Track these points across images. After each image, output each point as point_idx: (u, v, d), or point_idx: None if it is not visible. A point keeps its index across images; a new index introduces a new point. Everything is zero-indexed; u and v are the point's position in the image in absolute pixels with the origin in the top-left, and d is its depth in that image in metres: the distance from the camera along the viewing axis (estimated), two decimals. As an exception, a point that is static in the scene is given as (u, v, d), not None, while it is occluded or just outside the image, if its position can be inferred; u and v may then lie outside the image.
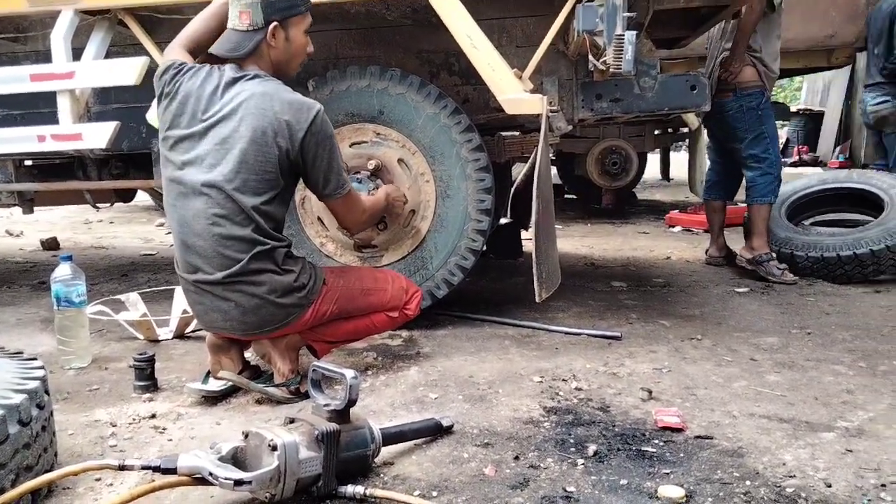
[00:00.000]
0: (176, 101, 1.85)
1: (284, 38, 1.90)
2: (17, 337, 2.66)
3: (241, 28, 1.88)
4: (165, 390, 2.04)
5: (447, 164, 2.53)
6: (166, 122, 1.87)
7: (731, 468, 1.48)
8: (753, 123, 3.40)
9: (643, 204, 7.54)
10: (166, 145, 1.87)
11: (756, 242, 3.47)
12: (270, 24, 1.86)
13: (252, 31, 1.87)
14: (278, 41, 1.89)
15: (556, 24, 2.30)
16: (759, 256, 3.42)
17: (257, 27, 1.87)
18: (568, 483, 1.42)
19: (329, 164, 1.88)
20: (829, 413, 1.79)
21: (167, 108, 1.87)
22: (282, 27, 1.88)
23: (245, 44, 1.88)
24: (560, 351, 2.35)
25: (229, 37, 1.91)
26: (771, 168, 3.43)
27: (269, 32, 1.87)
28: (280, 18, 1.87)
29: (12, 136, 2.67)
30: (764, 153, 3.42)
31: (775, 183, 3.45)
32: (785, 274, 3.37)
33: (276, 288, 1.83)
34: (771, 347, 2.37)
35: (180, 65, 1.89)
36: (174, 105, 1.85)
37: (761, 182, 3.44)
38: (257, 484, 1.25)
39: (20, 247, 5.22)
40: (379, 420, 1.71)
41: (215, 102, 1.82)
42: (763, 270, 3.40)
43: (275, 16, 1.86)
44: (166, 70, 1.89)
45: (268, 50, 1.90)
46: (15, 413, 1.26)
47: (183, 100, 1.84)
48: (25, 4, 2.54)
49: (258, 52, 1.89)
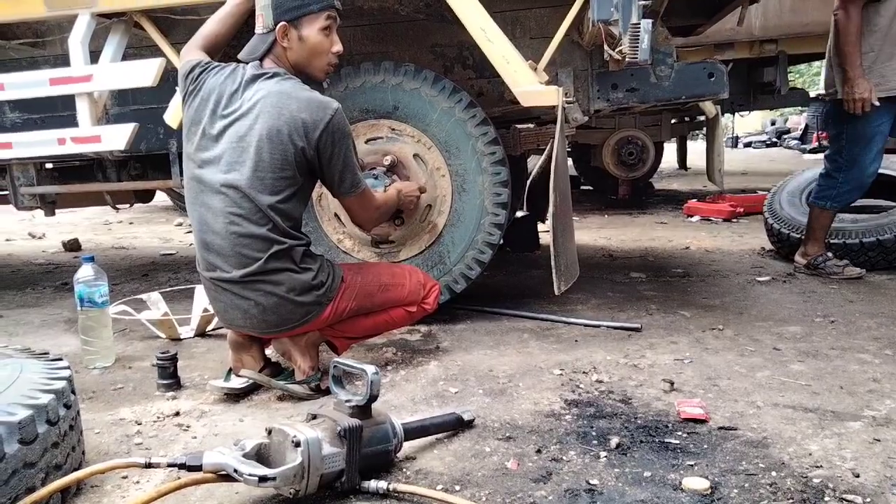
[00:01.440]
0: (199, 97, 1.87)
1: (297, 38, 1.89)
2: (43, 338, 2.71)
3: (259, 31, 1.90)
4: (188, 388, 2.06)
5: (463, 159, 2.52)
6: (190, 118, 1.89)
7: (756, 459, 1.47)
8: (836, 119, 3.11)
9: (660, 194, 7.48)
10: (190, 144, 1.89)
11: (810, 248, 3.27)
12: (279, 24, 1.87)
13: (266, 33, 1.89)
14: (291, 41, 1.89)
15: (571, 14, 2.28)
16: (815, 260, 3.23)
17: (269, 29, 1.88)
18: (591, 476, 1.42)
19: (345, 163, 1.88)
20: (855, 402, 1.76)
21: (191, 104, 1.89)
22: (293, 27, 1.88)
23: (260, 46, 1.89)
24: (580, 343, 2.34)
25: (251, 41, 1.92)
26: (837, 172, 3.12)
27: (279, 33, 1.88)
28: (289, 19, 1.87)
29: (33, 140, 2.71)
30: (835, 154, 3.13)
31: (836, 189, 3.12)
32: (847, 268, 3.18)
33: (295, 286, 1.84)
34: (794, 336, 2.34)
35: (206, 63, 1.91)
36: (197, 101, 1.87)
37: (823, 184, 3.18)
38: (281, 480, 1.26)
39: (43, 249, 5.30)
40: (400, 415, 1.71)
41: (235, 100, 1.83)
42: (824, 273, 3.20)
43: (283, 17, 1.87)
44: (193, 68, 1.91)
45: (283, 51, 1.90)
46: (43, 413, 1.28)
47: (206, 96, 1.86)
48: (43, 9, 2.56)
49: (273, 53, 1.90)
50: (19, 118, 3.09)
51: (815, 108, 12.81)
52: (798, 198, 3.68)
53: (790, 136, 15.12)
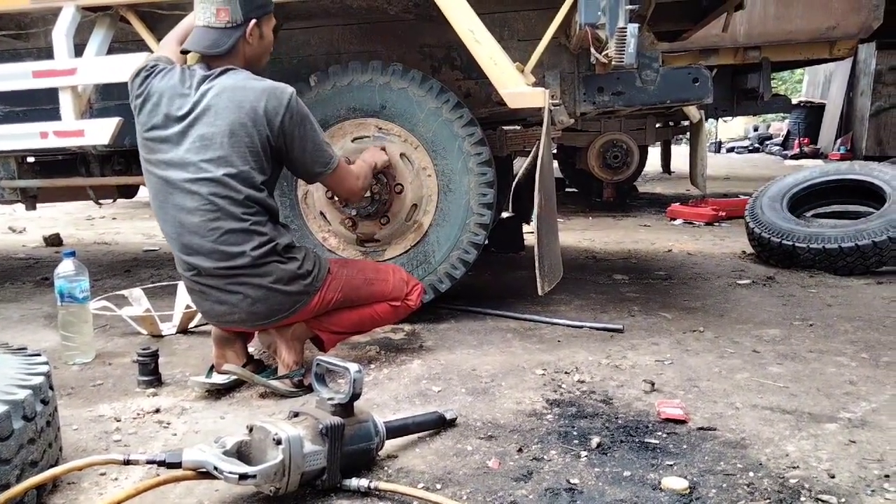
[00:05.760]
0: (150, 102, 1.86)
1: (259, 36, 1.94)
2: (21, 333, 2.67)
3: (217, 25, 1.88)
4: (169, 385, 2.04)
5: (449, 159, 2.53)
6: (143, 124, 1.88)
7: (734, 459, 1.49)
8: None
9: (644, 197, 7.53)
10: (146, 148, 1.88)
11: None
12: (250, 21, 1.88)
13: (231, 27, 1.88)
14: (254, 38, 1.92)
15: (558, 17, 2.29)
16: None
17: (236, 24, 1.88)
18: (571, 475, 1.43)
19: (314, 143, 1.90)
20: (831, 404, 1.79)
21: (141, 110, 1.88)
22: (257, 25, 1.91)
23: (224, 40, 1.88)
24: (562, 344, 2.36)
25: (204, 34, 1.90)
26: None
27: (249, 30, 1.88)
28: (258, 16, 1.90)
29: (15, 133, 2.67)
30: None
31: None
32: None
33: (282, 276, 1.84)
34: (773, 339, 2.37)
35: (151, 67, 1.91)
36: (148, 106, 1.86)
37: None
38: (262, 478, 1.25)
39: (23, 243, 5.22)
40: (383, 413, 1.71)
41: (188, 102, 1.83)
42: None
43: (253, 13, 1.89)
44: (137, 73, 1.91)
45: (244, 46, 1.91)
46: (19, 409, 1.26)
47: (157, 101, 1.85)
48: (27, 1, 2.53)
49: (235, 48, 1.90)
50: (1, 111, 3.04)
51: (796, 115, 12.98)
52: (779, 203, 3.73)
53: (772, 142, 15.30)
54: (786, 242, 3.49)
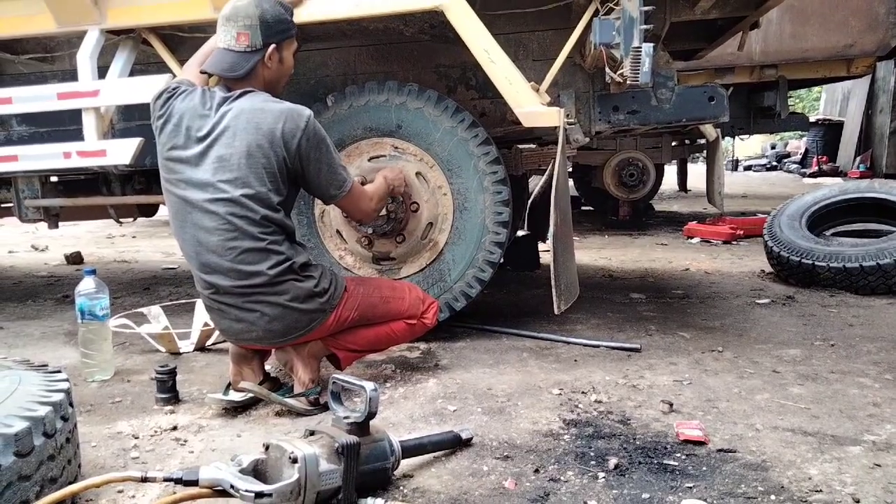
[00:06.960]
0: (171, 123, 1.89)
1: (278, 60, 1.96)
2: (42, 350, 2.71)
3: (237, 49, 1.91)
4: (187, 402, 2.05)
5: (465, 177, 2.54)
6: (164, 144, 1.90)
7: (755, 482, 1.46)
8: None
9: (660, 215, 7.50)
10: (167, 168, 1.90)
11: None
12: (269, 46, 1.91)
13: (250, 52, 1.91)
14: (273, 62, 1.94)
15: (573, 37, 2.31)
16: None
17: (255, 48, 1.91)
18: (589, 497, 1.41)
19: (329, 166, 1.91)
20: (855, 426, 1.76)
21: (162, 130, 1.91)
22: (276, 49, 1.94)
23: (243, 64, 1.91)
24: (579, 363, 2.34)
25: (224, 57, 1.92)
26: None
27: (268, 54, 1.91)
28: (278, 41, 1.93)
29: (39, 153, 2.73)
30: None
31: None
32: None
33: (299, 295, 1.86)
34: (794, 359, 2.33)
35: (173, 89, 1.94)
36: (169, 127, 1.89)
37: None
38: (278, 496, 1.25)
39: (45, 261, 5.31)
40: (398, 432, 1.71)
41: (208, 123, 1.86)
42: None
43: (273, 38, 1.92)
44: (159, 95, 1.94)
45: (262, 70, 1.94)
46: (40, 425, 1.28)
47: (178, 122, 1.88)
48: (53, 25, 2.60)
49: (254, 72, 1.93)
50: (26, 131, 3.12)
51: (814, 133, 12.90)
52: (798, 221, 3.69)
53: (790, 160, 15.20)
54: (805, 261, 3.44)
